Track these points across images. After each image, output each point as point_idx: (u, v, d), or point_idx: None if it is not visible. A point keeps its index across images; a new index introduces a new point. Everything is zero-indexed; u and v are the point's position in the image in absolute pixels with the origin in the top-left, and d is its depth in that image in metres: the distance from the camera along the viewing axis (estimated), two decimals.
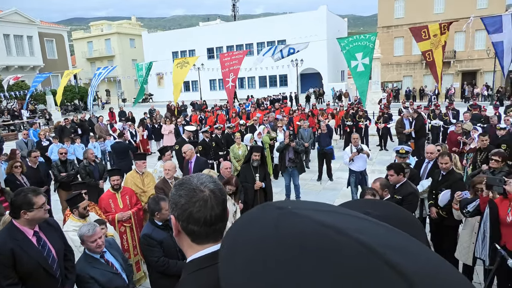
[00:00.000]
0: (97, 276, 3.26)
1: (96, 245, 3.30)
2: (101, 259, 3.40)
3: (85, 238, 3.27)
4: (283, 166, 8.39)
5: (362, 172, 7.89)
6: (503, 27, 8.38)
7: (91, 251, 3.35)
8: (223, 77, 12.50)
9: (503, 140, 7.94)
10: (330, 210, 0.41)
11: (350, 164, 7.84)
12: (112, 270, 3.42)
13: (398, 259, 0.33)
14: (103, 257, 3.42)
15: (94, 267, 3.30)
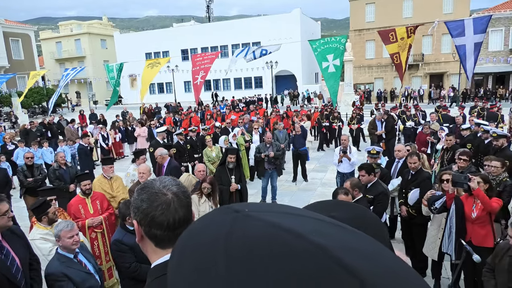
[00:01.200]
0: (71, 274, 3.22)
1: (73, 241, 3.28)
2: (75, 259, 3.38)
3: (63, 233, 3.24)
4: (261, 169, 8.35)
5: (347, 174, 7.92)
6: (465, 31, 8.79)
7: (66, 249, 3.30)
8: (193, 75, 12.47)
9: (468, 139, 8.30)
10: (290, 212, 0.41)
11: (338, 166, 7.90)
12: (86, 270, 3.39)
13: (353, 261, 0.33)
14: (76, 257, 3.40)
15: (68, 266, 3.27)
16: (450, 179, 4.25)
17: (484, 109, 13.98)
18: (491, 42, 32.37)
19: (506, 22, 31.94)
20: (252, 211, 0.39)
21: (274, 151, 8.23)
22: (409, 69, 35.12)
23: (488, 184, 4.18)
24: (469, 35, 8.72)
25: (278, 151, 8.38)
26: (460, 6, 31.91)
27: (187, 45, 40.92)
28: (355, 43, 33.71)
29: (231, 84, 42.07)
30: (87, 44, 47.81)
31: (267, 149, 8.31)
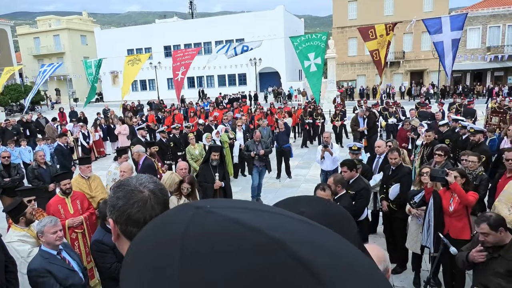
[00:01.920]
0: (54, 271, 3.18)
1: (56, 237, 3.28)
2: (58, 256, 3.37)
3: (47, 229, 3.24)
4: (250, 167, 8.32)
5: (330, 172, 7.95)
6: (443, 28, 9.02)
7: (49, 245, 3.29)
8: (173, 71, 12.41)
9: (446, 135, 8.50)
10: (252, 208, 0.41)
11: (321, 163, 7.89)
12: (69, 267, 3.39)
13: (308, 254, 0.33)
14: (59, 254, 3.39)
15: (51, 262, 3.25)
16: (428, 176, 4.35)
17: (461, 105, 14.33)
18: (469, 40, 33.20)
19: (483, 21, 32.80)
20: (215, 207, 0.39)
21: (264, 149, 8.23)
22: (390, 66, 35.70)
23: (464, 178, 4.30)
24: (446, 32, 8.96)
25: (267, 148, 8.39)
26: (440, 4, 32.57)
27: (170, 42, 40.46)
28: (338, 41, 34.02)
29: (215, 81, 41.86)
30: (67, 40, 46.65)
31: (256, 146, 8.29)
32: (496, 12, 32.10)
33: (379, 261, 1.61)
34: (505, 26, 31.96)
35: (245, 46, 11.85)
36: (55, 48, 46.94)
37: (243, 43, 12.13)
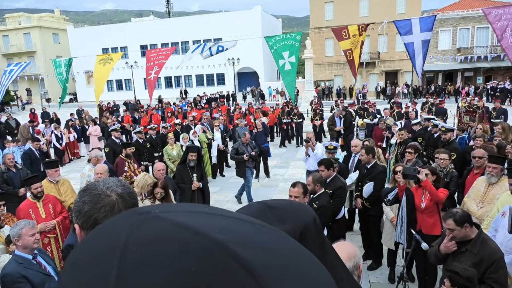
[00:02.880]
0: (29, 276, 3.11)
1: (34, 240, 3.23)
2: (33, 261, 3.30)
3: (25, 231, 3.18)
4: (242, 169, 8.11)
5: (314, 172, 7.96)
6: (413, 30, 9.34)
7: (26, 249, 3.22)
8: (146, 70, 12.26)
9: (419, 134, 8.76)
10: (201, 211, 0.41)
11: (306, 162, 7.88)
12: (45, 272, 3.32)
13: (251, 256, 0.34)
14: (35, 259, 3.32)
15: (26, 267, 3.18)
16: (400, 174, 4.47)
17: (433, 104, 14.80)
18: (440, 42, 34.32)
19: (453, 23, 33.97)
20: (162, 212, 0.39)
21: (252, 149, 8.24)
22: (366, 66, 36.44)
23: (435, 175, 4.45)
24: (416, 33, 9.28)
25: (254, 148, 8.40)
26: (412, 6, 33.51)
27: (147, 41, 39.81)
28: (315, 41, 34.40)
29: (193, 81, 41.50)
30: (38, 38, 45.09)
31: (245, 148, 8.25)
32: (466, 15, 33.31)
33: (350, 258, 1.65)
34: (474, 28, 33.22)
35: (220, 46, 11.81)
36: (25, 46, 45.28)
37: (218, 43, 12.08)
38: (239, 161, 8.07)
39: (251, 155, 8.09)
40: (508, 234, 3.42)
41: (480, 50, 33.06)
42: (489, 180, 4.49)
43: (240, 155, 8.05)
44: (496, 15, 8.60)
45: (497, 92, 25.55)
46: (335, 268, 0.86)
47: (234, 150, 8.28)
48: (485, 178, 4.56)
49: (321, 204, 4.26)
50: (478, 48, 33.20)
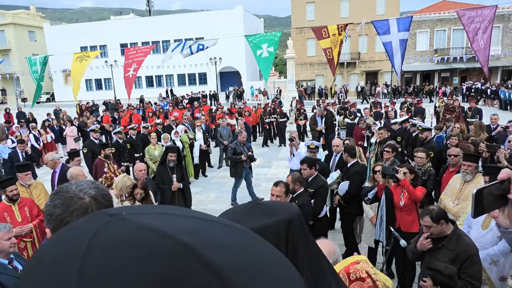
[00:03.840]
0: (4, 281, 3.01)
1: (11, 243, 3.17)
2: (9, 266, 3.21)
3: (1, 235, 3.12)
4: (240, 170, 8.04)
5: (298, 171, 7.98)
6: (390, 29, 9.57)
7: (1, 254, 3.15)
8: (125, 67, 12.06)
9: (398, 133, 8.95)
10: (171, 213, 0.41)
11: (290, 161, 7.89)
12: None
13: (218, 258, 0.34)
14: (11, 263, 3.23)
15: (1, 272, 3.08)
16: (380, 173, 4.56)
17: (412, 104, 15.14)
18: (418, 43, 35.14)
19: (430, 24, 34.84)
20: (130, 214, 0.38)
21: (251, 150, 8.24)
22: (347, 66, 36.95)
23: (413, 174, 4.55)
24: (394, 32, 9.53)
25: (250, 148, 8.44)
26: (391, 8, 34.19)
27: (127, 39, 39.13)
28: (297, 41, 34.64)
29: (174, 80, 41.07)
30: (13, 35, 43.66)
31: (243, 148, 8.21)
32: (442, 17, 34.21)
33: (330, 255, 1.68)
34: (450, 30, 34.15)
35: (200, 44, 11.71)
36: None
37: (198, 42, 11.97)
38: (236, 162, 8.00)
39: (249, 156, 8.07)
40: (481, 230, 3.54)
41: (456, 51, 34.02)
42: (464, 177, 4.62)
43: (238, 155, 8.00)
44: (469, 18, 8.88)
45: (472, 92, 26.35)
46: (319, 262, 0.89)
47: (232, 150, 8.19)
48: (461, 176, 4.70)
49: (301, 203, 4.29)
50: (454, 49, 34.16)
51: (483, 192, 1.00)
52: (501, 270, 3.41)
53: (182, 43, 12.01)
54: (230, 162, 8.27)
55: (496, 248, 3.43)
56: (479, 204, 1.00)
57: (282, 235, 0.82)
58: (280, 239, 0.82)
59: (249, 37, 10.30)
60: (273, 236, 0.81)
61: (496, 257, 3.35)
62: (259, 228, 0.80)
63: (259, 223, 0.81)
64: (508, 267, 3.37)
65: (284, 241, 0.83)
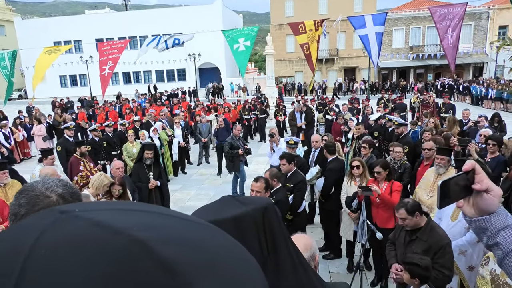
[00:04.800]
0: None
1: None
2: None
3: None
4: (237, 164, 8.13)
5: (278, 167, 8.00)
6: (366, 24, 9.77)
7: None
8: (100, 65, 11.71)
9: (374, 128, 9.12)
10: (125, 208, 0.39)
11: (270, 157, 7.88)
12: None
13: (170, 253, 0.33)
14: None
15: None
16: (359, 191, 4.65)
17: (389, 100, 15.47)
18: (394, 40, 35.87)
19: (406, 22, 35.61)
20: (83, 210, 0.37)
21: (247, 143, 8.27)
22: (326, 63, 37.34)
23: (388, 169, 4.64)
24: (370, 26, 9.73)
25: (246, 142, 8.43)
26: (368, 5, 34.74)
27: (103, 34, 38.12)
28: (276, 37, 34.69)
29: (152, 76, 40.39)
30: None
31: (238, 141, 8.19)
32: (417, 15, 35.02)
33: (306, 249, 1.69)
34: (425, 27, 35.01)
35: (176, 39, 11.50)
36: None
37: (174, 36, 11.73)
38: (233, 156, 8.07)
39: (246, 149, 8.09)
40: (451, 222, 3.66)
41: (430, 49, 34.93)
42: (437, 170, 4.76)
43: (235, 149, 8.05)
44: (440, 15, 9.13)
45: (446, 88, 27.17)
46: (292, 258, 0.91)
47: (228, 144, 8.21)
48: (434, 169, 4.83)
49: (279, 198, 4.31)
50: (429, 47, 35.06)
51: (448, 183, 1.03)
52: (469, 259, 3.54)
53: (157, 37, 11.70)
54: (227, 157, 8.34)
55: (464, 238, 3.55)
56: (445, 195, 1.03)
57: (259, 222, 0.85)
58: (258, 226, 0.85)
59: (226, 32, 10.23)
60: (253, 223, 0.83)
61: (464, 248, 3.47)
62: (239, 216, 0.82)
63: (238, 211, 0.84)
64: (476, 257, 3.50)
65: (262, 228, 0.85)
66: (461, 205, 1.07)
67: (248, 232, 0.85)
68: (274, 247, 0.89)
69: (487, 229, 1.05)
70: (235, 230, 0.83)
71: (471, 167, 1.03)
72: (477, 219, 1.05)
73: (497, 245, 1.04)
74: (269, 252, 0.87)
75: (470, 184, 1.04)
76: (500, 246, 1.04)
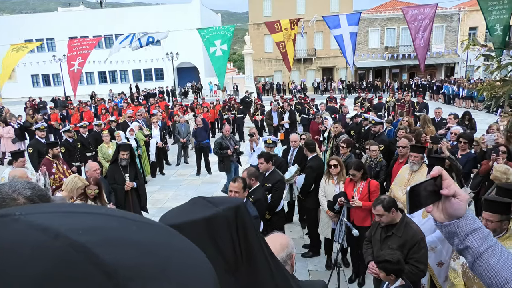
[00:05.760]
0: None
1: None
2: None
3: None
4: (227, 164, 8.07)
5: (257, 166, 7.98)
6: (341, 24, 9.94)
7: None
8: (68, 61, 11.35)
9: (351, 127, 9.27)
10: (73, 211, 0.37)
11: (250, 157, 7.82)
12: None
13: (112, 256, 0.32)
14: None
15: None
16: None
17: (365, 99, 15.76)
18: (370, 40, 36.58)
19: (381, 23, 36.38)
20: (26, 214, 0.35)
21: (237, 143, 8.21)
22: (304, 62, 37.67)
23: (362, 170, 4.72)
24: (344, 26, 9.90)
25: (237, 142, 8.37)
26: (345, 6, 35.30)
27: (77, 33, 37.05)
28: (255, 37, 34.74)
29: (129, 75, 39.61)
30: None
31: (228, 142, 8.09)
32: (392, 16, 35.83)
33: (283, 248, 1.69)
34: (399, 28, 35.86)
35: (150, 37, 11.26)
36: None
37: (148, 34, 11.48)
38: (223, 156, 8.02)
39: (235, 149, 8.03)
40: (422, 219, 3.76)
41: (404, 49, 35.81)
42: (411, 167, 4.88)
43: (224, 150, 7.98)
44: (412, 15, 9.40)
45: (420, 88, 27.95)
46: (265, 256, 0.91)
47: (217, 144, 8.14)
48: (409, 166, 4.95)
49: (257, 197, 4.31)
50: (403, 47, 35.94)
51: (416, 189, 1.05)
52: (439, 256, 3.64)
53: (130, 35, 11.39)
54: (218, 157, 8.31)
55: (434, 235, 3.65)
56: (414, 200, 1.05)
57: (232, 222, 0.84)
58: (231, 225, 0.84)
59: (202, 31, 10.10)
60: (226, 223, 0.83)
61: (434, 244, 3.57)
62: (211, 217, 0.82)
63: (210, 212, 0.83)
64: (445, 253, 3.60)
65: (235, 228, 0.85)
66: (430, 210, 1.09)
67: (220, 232, 0.84)
68: (248, 247, 0.88)
69: (456, 234, 1.07)
70: (206, 231, 0.82)
71: (438, 173, 1.06)
72: (447, 224, 1.08)
73: (467, 249, 1.07)
74: (242, 252, 0.86)
75: (438, 190, 1.06)
76: (470, 250, 1.06)
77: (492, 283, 1.03)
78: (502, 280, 1.01)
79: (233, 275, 0.83)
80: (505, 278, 1.01)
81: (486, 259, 1.04)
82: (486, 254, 1.04)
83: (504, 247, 1.08)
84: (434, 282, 3.72)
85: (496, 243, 1.06)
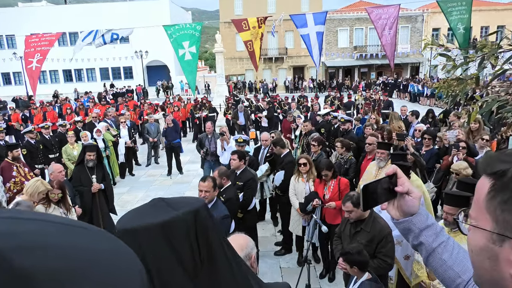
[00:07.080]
0: None
1: None
2: None
3: None
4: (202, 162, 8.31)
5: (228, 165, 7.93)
6: (307, 23, 10.10)
7: None
8: (25, 57, 10.79)
9: (321, 125, 9.42)
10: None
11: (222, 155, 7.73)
12: None
13: (30, 261, 0.31)
14: None
15: None
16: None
17: (335, 97, 16.06)
18: (339, 40, 37.31)
19: (350, 23, 37.19)
20: None
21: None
22: (275, 61, 37.91)
23: (332, 169, 4.80)
24: (311, 26, 10.06)
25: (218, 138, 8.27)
26: (314, 5, 35.80)
27: (39, 29, 35.11)
28: (226, 35, 34.54)
29: (96, 74, 38.34)
30: None
31: (209, 140, 8.01)
32: (360, 16, 36.69)
33: (242, 249, 1.69)
34: (367, 28, 36.79)
35: (114, 33, 10.88)
36: None
37: (112, 30, 11.09)
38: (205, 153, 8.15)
39: (206, 150, 8.05)
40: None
41: (372, 49, 36.80)
42: (378, 164, 5.01)
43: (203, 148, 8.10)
44: (377, 14, 9.70)
45: (388, 86, 28.83)
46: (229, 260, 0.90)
47: (198, 140, 8.29)
48: (376, 163, 5.09)
49: (228, 197, 4.29)
50: (371, 47, 36.92)
51: (369, 186, 1.08)
52: (405, 249, 3.76)
53: (93, 31, 10.94)
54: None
55: None
56: (368, 198, 1.08)
57: (191, 226, 0.83)
58: (190, 230, 0.83)
59: (168, 29, 9.85)
60: (184, 228, 0.81)
61: (400, 238, 3.68)
62: (168, 221, 0.80)
63: (168, 215, 0.82)
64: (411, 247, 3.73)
65: (194, 233, 0.84)
66: (384, 207, 1.13)
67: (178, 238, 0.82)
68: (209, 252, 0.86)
69: (411, 230, 1.11)
70: (162, 236, 0.80)
71: (393, 172, 1.09)
72: (402, 221, 1.12)
73: (421, 244, 1.10)
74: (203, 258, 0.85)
75: (393, 187, 1.09)
76: (424, 245, 1.10)
77: (445, 277, 1.07)
78: (454, 275, 1.05)
79: (192, 282, 0.82)
80: (457, 273, 1.05)
81: (439, 254, 1.08)
82: (439, 250, 1.08)
83: (457, 243, 1.12)
84: (402, 275, 3.84)
85: (448, 239, 1.10)
